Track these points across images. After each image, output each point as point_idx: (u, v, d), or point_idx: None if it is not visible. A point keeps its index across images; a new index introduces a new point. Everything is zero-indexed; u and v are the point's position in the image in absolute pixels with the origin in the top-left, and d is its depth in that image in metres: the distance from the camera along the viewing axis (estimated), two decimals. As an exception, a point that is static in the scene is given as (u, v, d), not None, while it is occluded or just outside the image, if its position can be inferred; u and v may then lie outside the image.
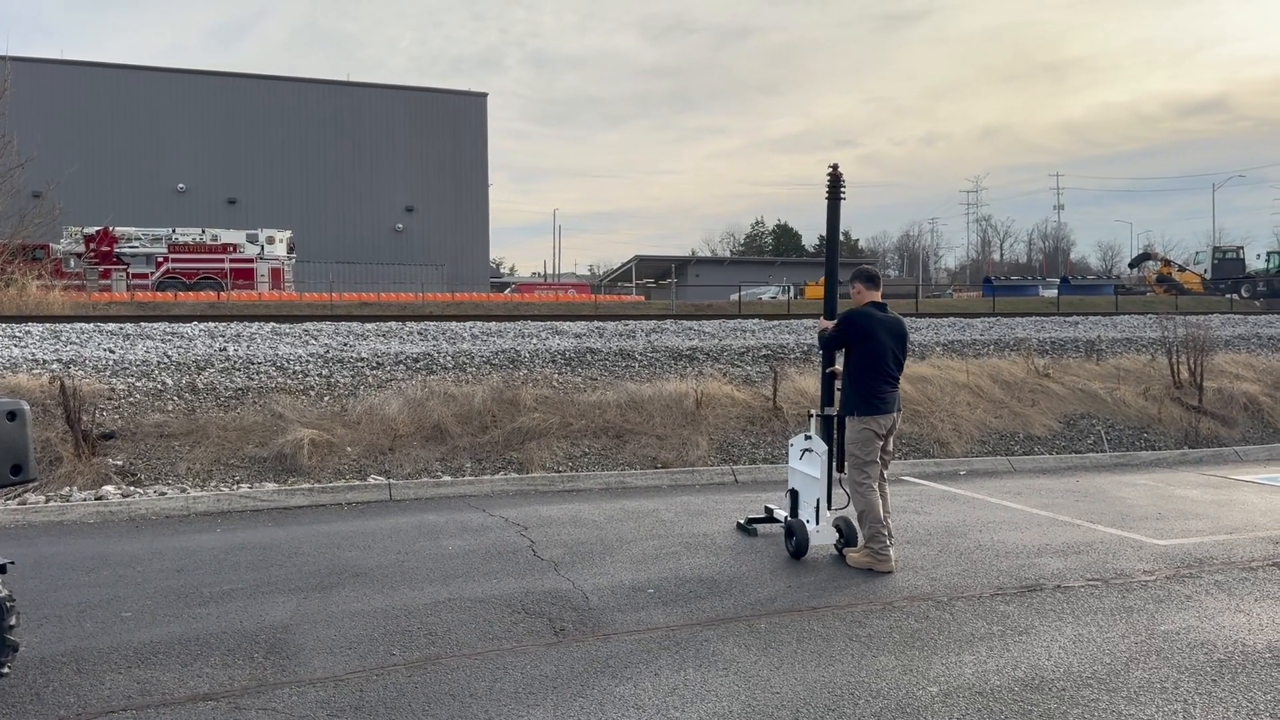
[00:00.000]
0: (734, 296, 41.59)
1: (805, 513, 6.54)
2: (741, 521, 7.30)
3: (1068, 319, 20.98)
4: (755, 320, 18.38)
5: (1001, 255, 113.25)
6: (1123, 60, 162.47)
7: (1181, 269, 51.32)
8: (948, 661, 4.50)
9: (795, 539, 6.41)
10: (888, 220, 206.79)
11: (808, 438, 6.58)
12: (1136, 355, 15.79)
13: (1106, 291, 47.73)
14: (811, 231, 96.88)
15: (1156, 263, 53.57)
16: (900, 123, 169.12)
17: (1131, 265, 63.41)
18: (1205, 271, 49.55)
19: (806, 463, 6.56)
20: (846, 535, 6.45)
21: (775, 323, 17.97)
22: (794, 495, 6.68)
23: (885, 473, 6.41)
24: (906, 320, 6.76)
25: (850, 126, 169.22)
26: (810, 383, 12.21)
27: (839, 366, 6.58)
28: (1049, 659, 4.54)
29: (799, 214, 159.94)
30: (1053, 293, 48.70)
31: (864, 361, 6.25)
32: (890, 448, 6.44)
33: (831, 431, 6.49)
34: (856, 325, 6.32)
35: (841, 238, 7.19)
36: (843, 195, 6.82)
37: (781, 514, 6.90)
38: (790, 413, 11.36)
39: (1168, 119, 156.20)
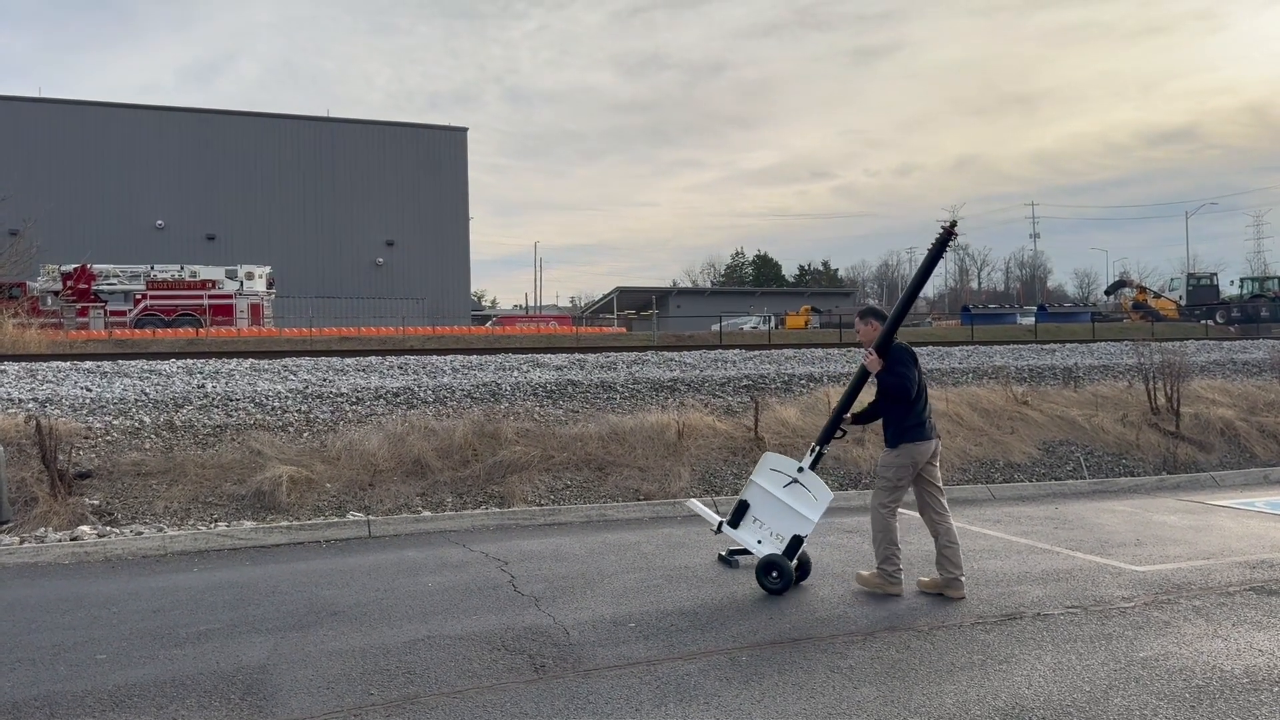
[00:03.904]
0: (715, 327, 41.75)
1: (755, 532, 6.48)
2: (723, 554, 7.28)
3: (1045, 347, 21.16)
4: (736, 351, 18.45)
5: (979, 283, 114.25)
6: (1090, 92, 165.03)
7: (1157, 296, 51.98)
8: (929, 692, 4.50)
9: (783, 578, 6.25)
10: (866, 250, 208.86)
11: (800, 470, 6.49)
12: (1114, 382, 15.93)
13: (1083, 319, 48.23)
14: (791, 261, 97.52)
15: (1132, 290, 54.28)
16: (874, 154, 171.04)
17: (1108, 292, 64.14)
18: (1180, 298, 50.22)
19: (792, 495, 6.46)
20: (805, 567, 6.59)
21: (756, 353, 18.04)
22: (743, 506, 6.57)
23: (945, 500, 6.47)
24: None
25: (825, 158, 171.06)
26: (792, 412, 12.25)
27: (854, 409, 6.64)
28: (1029, 688, 4.55)
29: (778, 244, 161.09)
30: (1030, 320, 49.13)
31: (918, 392, 6.32)
32: (938, 475, 6.47)
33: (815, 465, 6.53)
34: (912, 355, 6.40)
35: (820, 267, 7.25)
36: (946, 251, 6.49)
37: (754, 544, 6.70)
38: (772, 443, 11.37)
39: (1138, 148, 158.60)
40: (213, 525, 8.63)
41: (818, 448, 6.64)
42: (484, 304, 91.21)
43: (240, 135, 52.77)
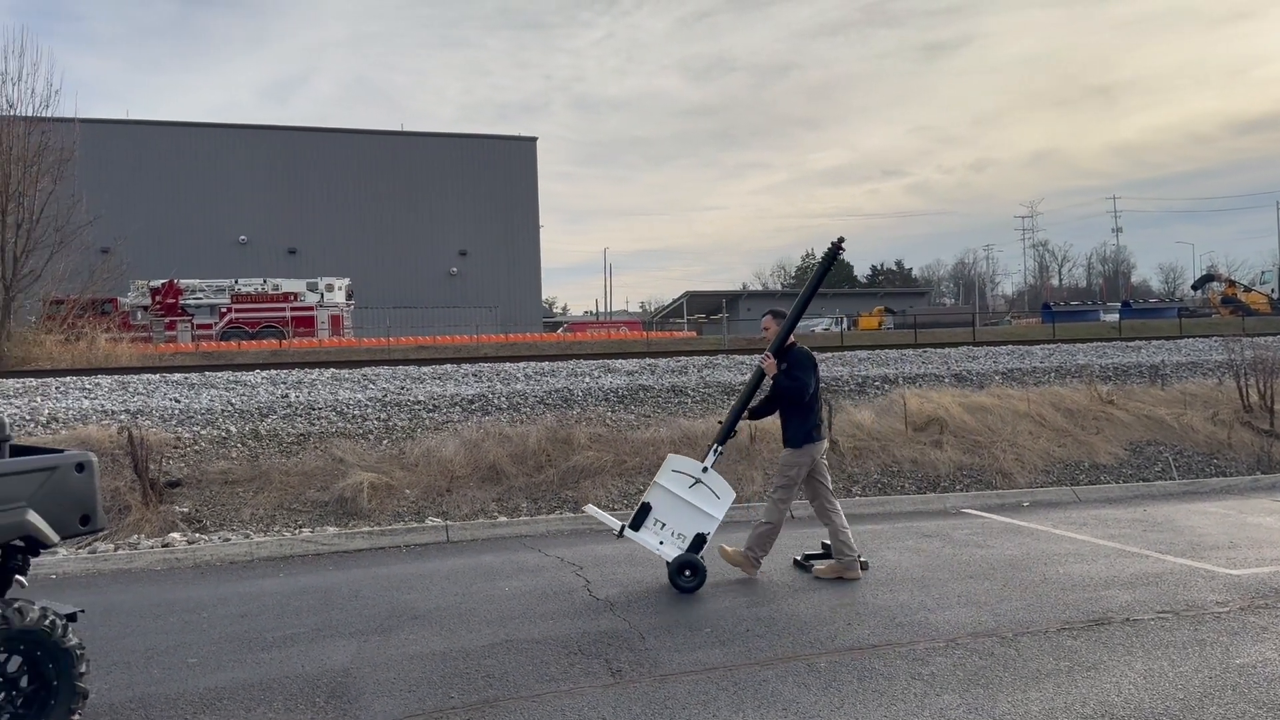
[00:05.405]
0: (787, 330, 41.36)
1: (657, 534, 6.56)
2: (798, 558, 7.23)
3: (1130, 344, 20.55)
4: (809, 353, 18.27)
5: (1060, 280, 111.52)
6: (1173, 81, 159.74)
7: (1247, 289, 50.13)
8: (1013, 699, 4.40)
9: (697, 576, 6.44)
10: (941, 248, 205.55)
11: (704, 470, 6.64)
12: (1203, 379, 15.41)
13: (1169, 315, 46.76)
14: (863, 261, 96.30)
15: (1221, 284, 52.46)
16: (948, 151, 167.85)
17: (1195, 287, 62.11)
18: (1272, 291, 48.36)
19: (697, 495, 6.60)
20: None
21: (829, 355, 17.84)
22: (645, 509, 6.63)
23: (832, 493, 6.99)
24: (963, 349, 6.81)
25: (896, 156, 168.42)
26: (866, 415, 12.10)
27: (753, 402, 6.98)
28: (1119, 695, 4.41)
29: (850, 244, 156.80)
30: (1114, 317, 47.80)
31: (815, 394, 6.77)
32: (827, 470, 7.02)
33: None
34: (812, 361, 6.83)
35: (894, 267, 7.33)
36: (835, 261, 7.20)
37: (655, 546, 6.60)
38: (846, 446, 11.24)
39: (1223, 138, 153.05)
40: (297, 531, 8.84)
41: (717, 447, 6.85)
42: (555, 311, 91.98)
43: (318, 151, 54.04)
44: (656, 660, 5.06)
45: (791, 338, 6.88)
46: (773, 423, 7.61)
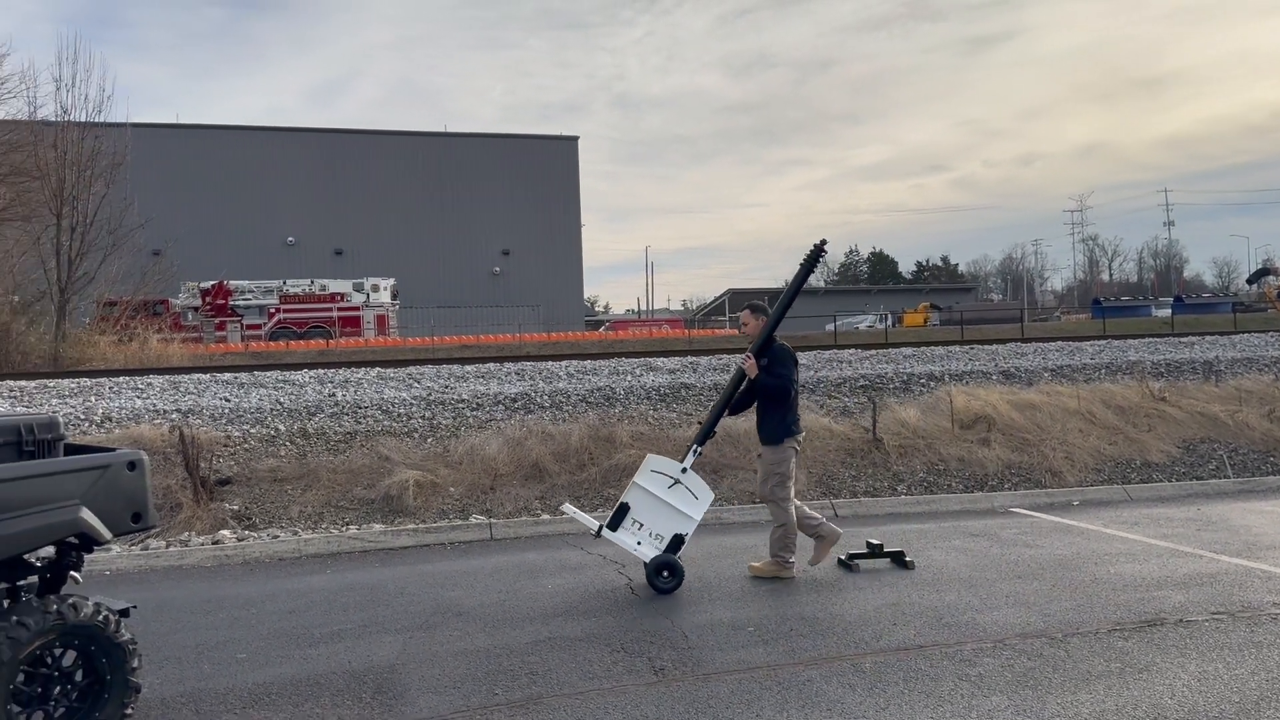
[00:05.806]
0: (829, 327, 41.21)
1: (634, 535, 6.50)
2: (842, 557, 7.17)
3: (1183, 339, 20.14)
4: (852, 350, 18.14)
5: (1110, 275, 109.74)
6: (1224, 72, 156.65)
7: (1305, 283, 48.83)
8: (1063, 701, 4.32)
9: (675, 577, 6.40)
10: (988, 244, 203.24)
11: (683, 470, 6.61)
12: (1259, 375, 15.04)
13: (1224, 310, 45.82)
14: (908, 258, 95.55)
15: (1277, 277, 51.19)
16: (993, 145, 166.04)
17: (1250, 281, 60.66)
18: (1332, 284, 47.05)
19: (675, 495, 6.56)
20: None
21: (872, 352, 17.70)
22: (623, 509, 6.57)
23: None
24: (1011, 345, 6.70)
25: (940, 151, 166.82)
26: (911, 413, 11.97)
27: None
28: (1172, 698, 4.32)
29: (894, 240, 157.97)
30: (1166, 313, 46.91)
31: (794, 389, 6.83)
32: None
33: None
34: (793, 357, 6.88)
35: (939, 263, 7.24)
36: (816, 266, 7.10)
37: (633, 546, 6.53)
38: (891, 444, 11.14)
39: (1279, 129, 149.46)
40: (344, 528, 8.94)
41: (696, 448, 6.82)
42: (597, 310, 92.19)
43: (363, 153, 54.71)
44: (699, 659, 5.04)
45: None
46: (811, 421, 7.59)
